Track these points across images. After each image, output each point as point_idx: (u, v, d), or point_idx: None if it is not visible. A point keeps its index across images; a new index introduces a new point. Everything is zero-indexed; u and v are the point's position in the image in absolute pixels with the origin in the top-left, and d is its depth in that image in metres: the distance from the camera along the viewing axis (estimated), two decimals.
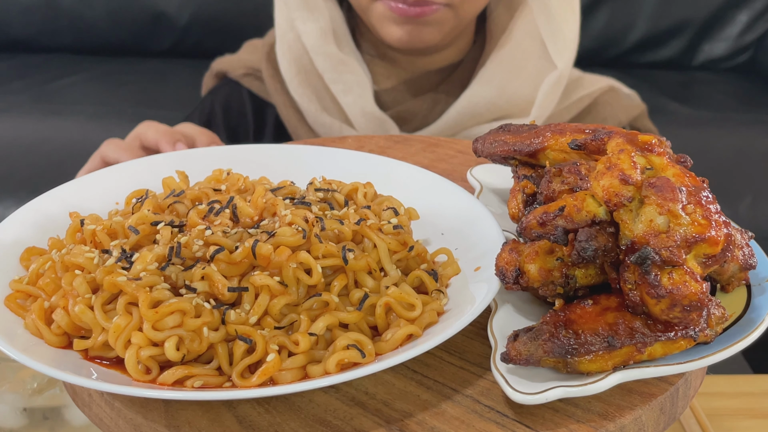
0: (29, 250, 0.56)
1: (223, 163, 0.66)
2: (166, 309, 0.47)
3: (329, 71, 1.04)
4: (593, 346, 0.46)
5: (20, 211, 0.59)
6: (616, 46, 2.13)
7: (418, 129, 1.07)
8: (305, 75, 1.06)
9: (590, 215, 0.46)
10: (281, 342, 0.48)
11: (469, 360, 0.51)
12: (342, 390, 0.48)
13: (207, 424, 0.45)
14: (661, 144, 0.49)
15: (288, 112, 1.10)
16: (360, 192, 0.61)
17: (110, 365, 0.48)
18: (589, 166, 0.51)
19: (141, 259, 0.50)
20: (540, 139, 0.56)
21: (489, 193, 0.67)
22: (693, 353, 0.47)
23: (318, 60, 1.04)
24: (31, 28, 2.16)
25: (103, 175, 0.65)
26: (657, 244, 0.44)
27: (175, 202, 0.58)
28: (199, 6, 2.11)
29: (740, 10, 2.10)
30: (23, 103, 1.94)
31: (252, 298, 0.49)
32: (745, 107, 1.99)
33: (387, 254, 0.54)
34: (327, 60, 1.04)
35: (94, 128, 1.82)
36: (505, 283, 0.50)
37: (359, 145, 0.79)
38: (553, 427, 0.45)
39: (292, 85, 1.07)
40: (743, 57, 2.17)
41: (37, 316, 0.50)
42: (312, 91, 1.06)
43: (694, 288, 0.44)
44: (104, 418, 0.49)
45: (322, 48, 1.04)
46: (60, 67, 2.11)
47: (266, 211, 0.56)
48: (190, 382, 0.46)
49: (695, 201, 0.45)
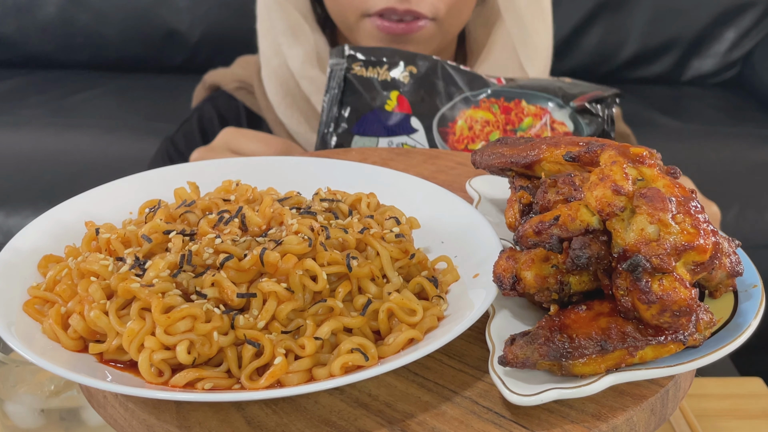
0: (46, 257, 0.57)
1: (232, 175, 0.66)
2: (178, 314, 0.48)
3: (315, 93, 1.04)
4: (587, 349, 0.46)
5: (38, 220, 0.59)
6: (608, 62, 2.16)
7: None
8: (292, 98, 1.06)
9: (584, 224, 0.47)
10: (288, 346, 0.48)
11: (468, 363, 0.51)
12: (346, 392, 0.49)
13: (217, 424, 0.46)
14: (651, 156, 0.49)
15: (278, 129, 1.10)
16: (363, 202, 0.61)
17: (124, 368, 0.49)
18: (582, 177, 0.51)
19: (153, 267, 0.51)
20: (536, 152, 0.57)
21: (487, 203, 0.67)
22: (682, 356, 0.48)
23: (303, 83, 1.05)
24: (48, 45, 2.17)
25: (117, 187, 0.65)
26: (648, 252, 0.44)
27: (187, 212, 0.58)
28: (210, 24, 2.12)
29: (728, 28, 2.11)
30: (41, 117, 1.95)
31: (260, 303, 0.50)
32: (733, 121, 2.00)
33: (389, 262, 0.55)
34: (311, 83, 1.04)
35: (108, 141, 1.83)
36: (503, 289, 0.51)
37: (363, 157, 0.80)
38: (549, 427, 0.46)
39: (280, 109, 1.08)
40: (731, 73, 2.18)
41: (54, 321, 0.50)
42: (300, 113, 1.06)
43: (683, 294, 0.45)
44: (118, 418, 0.49)
45: (307, 72, 1.04)
46: (76, 82, 2.12)
47: (274, 220, 0.57)
48: (200, 384, 0.47)
49: (684, 211, 0.46)
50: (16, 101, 2.04)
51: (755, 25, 2.14)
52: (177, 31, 2.14)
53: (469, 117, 0.88)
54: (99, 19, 2.13)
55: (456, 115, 0.88)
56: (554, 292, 0.49)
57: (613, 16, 2.12)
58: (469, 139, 0.88)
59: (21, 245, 0.57)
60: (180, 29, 2.14)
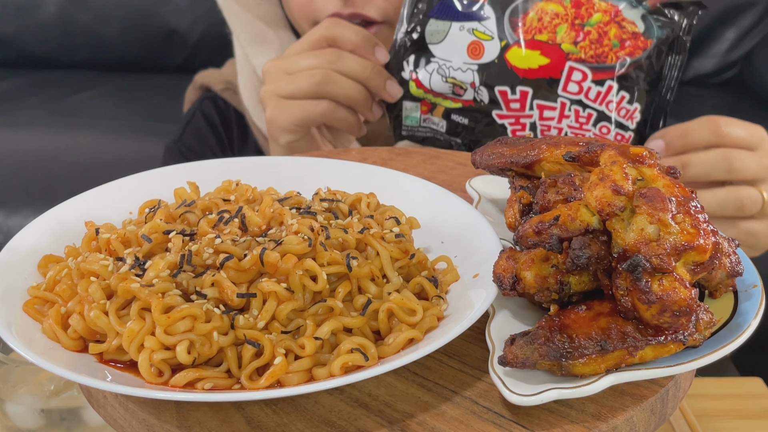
0: (46, 257, 0.57)
1: (232, 175, 0.66)
2: (178, 314, 0.48)
3: None
4: (587, 349, 0.46)
5: (38, 220, 0.59)
6: None
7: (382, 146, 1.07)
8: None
9: (584, 224, 0.47)
10: (288, 346, 0.48)
11: (468, 363, 0.51)
12: (346, 392, 0.49)
13: (217, 424, 0.46)
14: (651, 156, 0.49)
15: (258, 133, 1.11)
16: (363, 202, 0.62)
17: (124, 368, 0.49)
18: (582, 177, 0.51)
19: (153, 267, 0.51)
20: (536, 152, 0.57)
21: (487, 203, 0.67)
22: (682, 356, 0.48)
23: None
24: (48, 45, 2.18)
25: (117, 187, 0.65)
26: (648, 252, 0.44)
27: (187, 212, 0.58)
28: (210, 24, 2.13)
29: (727, 28, 2.12)
30: (41, 117, 1.96)
31: (260, 303, 0.50)
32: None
33: (389, 262, 0.55)
34: None
35: (108, 141, 1.83)
36: (503, 289, 0.51)
37: (362, 157, 0.80)
38: (548, 427, 0.46)
39: (255, 114, 1.08)
40: (730, 73, 2.18)
41: (54, 321, 0.50)
42: None
43: (683, 294, 0.45)
44: (118, 419, 0.49)
45: None
46: (76, 82, 2.13)
47: (273, 220, 0.57)
48: (200, 385, 0.47)
49: (684, 211, 0.46)
50: (16, 101, 2.05)
51: (755, 25, 2.14)
52: (177, 31, 2.15)
53: (540, 9, 0.90)
54: (99, 19, 2.14)
55: (529, 7, 0.90)
56: (554, 292, 0.50)
57: None
58: (537, 30, 0.89)
59: (21, 245, 0.57)
60: (180, 29, 2.14)
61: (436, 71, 0.91)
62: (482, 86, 0.90)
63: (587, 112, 0.89)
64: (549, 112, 0.90)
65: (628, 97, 0.89)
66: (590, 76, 0.88)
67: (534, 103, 0.90)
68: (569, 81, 0.89)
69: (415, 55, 0.91)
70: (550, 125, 0.91)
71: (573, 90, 0.89)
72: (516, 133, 0.92)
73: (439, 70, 0.90)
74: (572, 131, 0.91)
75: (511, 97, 0.90)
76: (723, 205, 0.84)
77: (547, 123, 0.91)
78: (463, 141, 0.95)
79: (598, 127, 0.90)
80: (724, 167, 0.83)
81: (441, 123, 0.94)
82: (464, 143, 0.95)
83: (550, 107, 0.90)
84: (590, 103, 0.89)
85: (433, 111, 0.93)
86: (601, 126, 0.90)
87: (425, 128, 0.95)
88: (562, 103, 0.89)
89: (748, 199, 0.84)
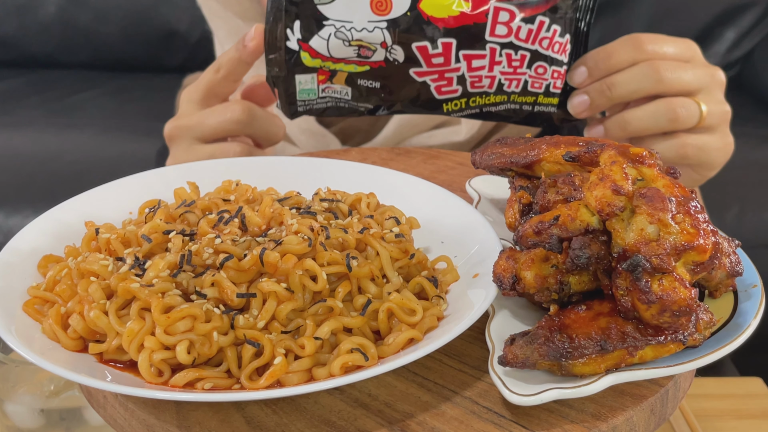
0: (46, 257, 0.57)
1: (232, 175, 0.67)
2: (178, 314, 0.48)
3: None
4: (587, 349, 0.46)
5: (38, 220, 0.59)
6: None
7: (361, 143, 1.06)
8: None
9: (584, 224, 0.47)
10: (288, 346, 0.48)
11: (468, 363, 0.51)
12: (346, 392, 0.49)
13: (217, 424, 0.46)
14: (651, 156, 0.49)
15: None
16: (363, 202, 0.62)
17: (124, 368, 0.49)
18: (582, 177, 0.51)
19: (153, 267, 0.51)
20: (536, 152, 0.57)
21: (487, 203, 0.67)
22: (682, 356, 0.48)
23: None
24: (48, 45, 2.18)
25: (117, 187, 0.65)
26: (648, 252, 0.45)
27: (186, 212, 0.58)
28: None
29: (727, 28, 2.11)
30: (41, 117, 1.96)
31: (260, 303, 0.50)
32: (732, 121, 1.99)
33: (389, 262, 0.55)
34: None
35: (108, 141, 1.83)
36: (502, 289, 0.51)
37: (362, 157, 0.80)
38: (548, 427, 0.46)
39: None
40: (730, 73, 2.18)
41: (54, 321, 0.50)
42: None
43: (683, 294, 0.45)
44: (118, 418, 0.49)
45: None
46: (76, 82, 2.13)
47: (273, 220, 0.57)
48: (200, 384, 0.47)
49: (684, 211, 0.46)
50: (16, 101, 2.05)
51: (755, 25, 2.14)
52: (177, 31, 2.15)
53: None
54: (99, 19, 2.14)
55: None
56: (554, 292, 0.50)
57: (613, 16, 2.12)
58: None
59: (21, 245, 0.57)
60: (180, 29, 2.15)
61: (333, 35, 0.77)
62: (396, 45, 0.77)
63: (520, 54, 0.80)
64: (478, 61, 0.79)
65: (560, 30, 0.80)
66: (518, 15, 0.78)
67: (460, 54, 0.79)
68: (496, 23, 0.78)
69: (301, 20, 0.76)
70: (480, 75, 0.80)
71: (501, 33, 0.79)
72: (442, 89, 0.81)
73: (338, 33, 0.77)
74: (505, 77, 0.81)
75: (433, 52, 0.78)
76: (655, 116, 0.77)
77: (477, 74, 0.80)
78: (375, 105, 0.82)
79: (533, 68, 0.80)
80: (652, 78, 0.76)
81: (344, 90, 0.81)
82: (376, 107, 0.83)
83: (479, 55, 0.79)
84: (522, 44, 0.79)
85: (333, 78, 0.80)
86: (537, 66, 0.80)
87: (325, 98, 0.82)
88: (492, 49, 0.79)
89: (682, 108, 0.77)
